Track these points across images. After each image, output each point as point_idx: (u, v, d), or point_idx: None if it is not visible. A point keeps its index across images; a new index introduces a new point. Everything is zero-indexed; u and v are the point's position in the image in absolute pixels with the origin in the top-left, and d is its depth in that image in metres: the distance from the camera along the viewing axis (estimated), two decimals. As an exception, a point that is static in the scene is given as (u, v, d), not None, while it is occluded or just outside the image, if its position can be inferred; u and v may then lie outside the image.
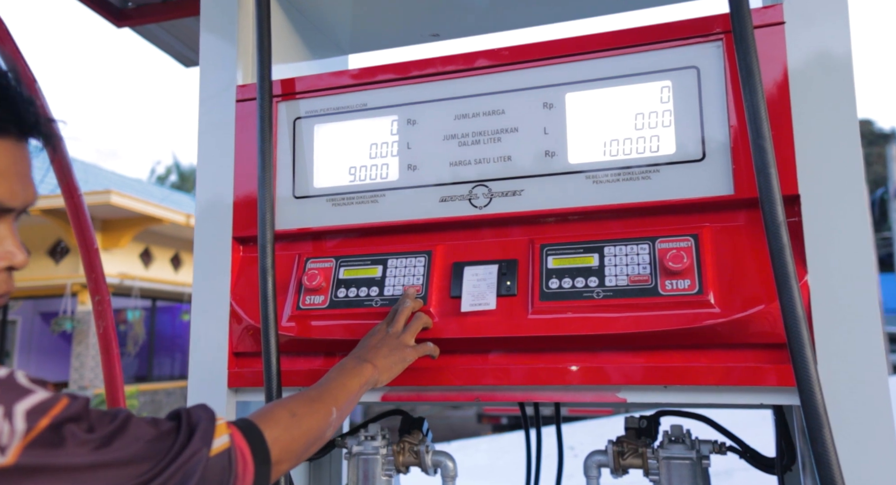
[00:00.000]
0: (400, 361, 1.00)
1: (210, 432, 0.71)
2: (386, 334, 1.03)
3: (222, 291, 1.24)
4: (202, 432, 0.70)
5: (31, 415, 0.60)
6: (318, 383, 0.93)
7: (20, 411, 0.60)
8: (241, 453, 0.74)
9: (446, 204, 1.14)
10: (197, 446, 0.69)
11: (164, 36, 2.38)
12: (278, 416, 0.82)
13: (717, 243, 1.00)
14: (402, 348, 1.01)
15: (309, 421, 0.84)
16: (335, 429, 0.89)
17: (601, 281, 1.02)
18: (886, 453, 0.86)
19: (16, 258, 0.70)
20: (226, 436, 0.73)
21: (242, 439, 0.75)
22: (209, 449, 0.70)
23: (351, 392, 0.93)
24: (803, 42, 0.98)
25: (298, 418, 0.83)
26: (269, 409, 0.83)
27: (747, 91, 0.93)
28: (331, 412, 0.87)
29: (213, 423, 0.72)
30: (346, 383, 0.93)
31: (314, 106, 1.25)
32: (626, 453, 1.16)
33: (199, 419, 0.72)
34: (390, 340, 1.02)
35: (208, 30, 1.35)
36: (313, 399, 0.87)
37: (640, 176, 1.05)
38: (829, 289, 0.92)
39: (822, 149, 0.96)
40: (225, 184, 1.27)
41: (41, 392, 0.62)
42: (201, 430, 0.71)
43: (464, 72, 1.16)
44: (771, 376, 0.93)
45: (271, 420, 0.80)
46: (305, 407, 0.85)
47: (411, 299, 1.07)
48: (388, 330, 1.03)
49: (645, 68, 1.07)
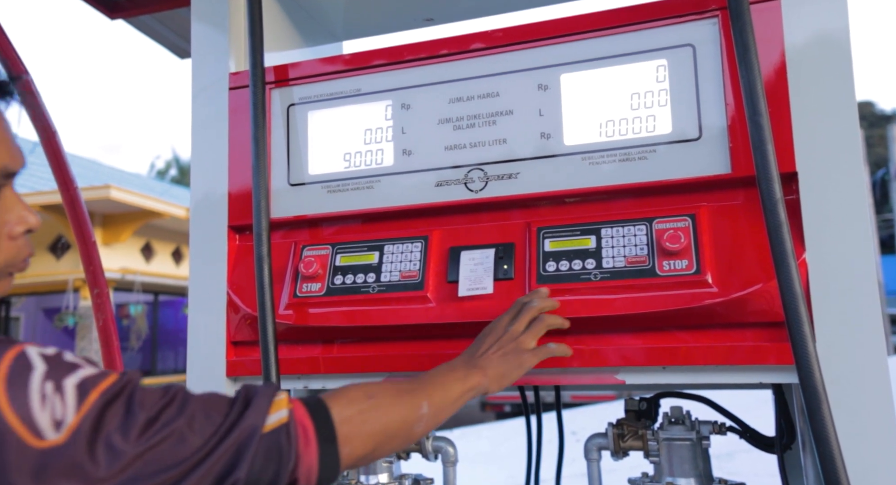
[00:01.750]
0: (516, 367, 0.91)
1: (265, 407, 0.67)
2: (504, 334, 0.94)
3: (219, 280, 1.23)
4: (256, 407, 0.67)
5: (81, 389, 0.59)
6: (418, 377, 0.86)
7: (70, 385, 0.59)
8: (302, 429, 0.69)
9: (442, 188, 1.13)
10: (250, 421, 0.66)
11: (158, 27, 2.36)
12: (352, 395, 0.76)
13: (715, 223, 0.99)
14: (520, 354, 0.92)
15: (389, 408, 0.77)
16: (428, 428, 0.82)
17: (598, 263, 1.02)
18: (885, 431, 0.86)
19: (30, 220, 0.69)
20: (284, 410, 0.69)
21: (305, 414, 0.71)
22: (263, 424, 0.66)
23: (450, 395, 0.85)
24: (800, 18, 0.97)
25: (376, 401, 0.76)
26: (344, 388, 0.78)
27: (744, 68, 0.92)
28: (420, 406, 0.80)
29: (269, 397, 0.69)
30: (445, 384, 0.85)
31: (308, 92, 1.24)
32: (627, 436, 1.16)
33: (255, 394, 0.69)
34: (507, 342, 0.93)
35: (199, 18, 1.34)
36: (400, 389, 0.81)
37: (637, 156, 1.04)
38: (827, 266, 0.92)
39: (820, 126, 0.95)
40: (220, 173, 1.26)
41: (89, 367, 0.61)
42: (256, 404, 0.67)
43: (457, 55, 1.15)
44: (770, 355, 0.93)
45: (343, 398, 0.75)
46: (388, 393, 0.79)
47: (541, 298, 0.97)
48: (508, 328, 0.94)
49: (640, 47, 1.05)
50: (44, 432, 0.56)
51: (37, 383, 0.57)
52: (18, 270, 0.71)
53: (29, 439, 0.55)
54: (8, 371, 0.57)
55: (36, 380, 0.58)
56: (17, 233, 0.69)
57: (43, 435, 0.56)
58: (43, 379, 0.58)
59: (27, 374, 0.58)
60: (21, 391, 0.56)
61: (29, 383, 0.57)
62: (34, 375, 0.58)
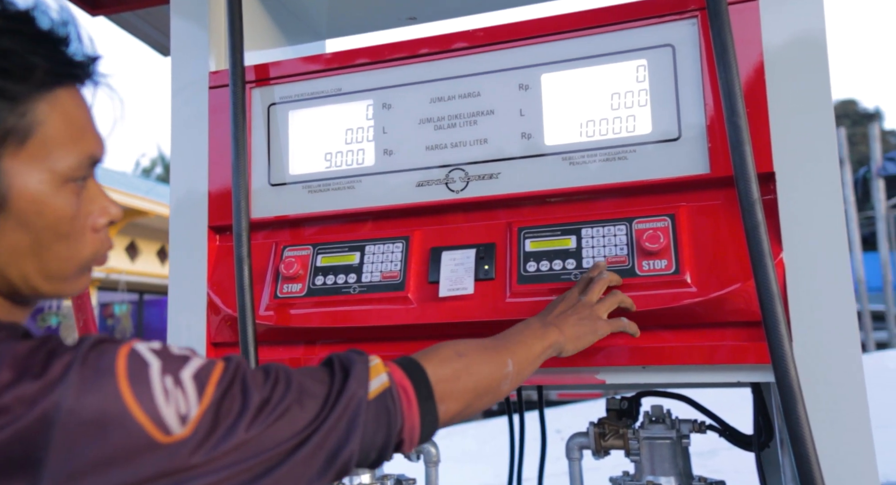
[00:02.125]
0: (591, 332, 0.90)
1: (365, 374, 0.67)
2: (577, 302, 0.92)
3: (199, 281, 1.22)
4: (357, 374, 0.66)
5: (198, 381, 0.58)
6: (497, 336, 0.85)
7: (187, 377, 0.57)
8: (403, 390, 0.70)
9: (423, 189, 1.13)
10: (353, 389, 0.65)
11: (140, 24, 2.34)
12: (443, 354, 0.76)
13: (694, 223, 1.00)
14: (594, 320, 0.90)
15: (479, 366, 0.77)
16: (513, 385, 0.82)
17: (579, 263, 1.02)
18: (859, 429, 0.87)
19: (112, 211, 0.66)
20: (384, 375, 0.69)
21: (403, 375, 0.71)
22: (367, 391, 0.66)
23: (532, 352, 0.84)
24: (778, 19, 0.97)
25: (467, 360, 0.76)
26: (434, 347, 0.78)
27: (722, 68, 0.92)
28: (506, 363, 0.80)
29: (366, 364, 0.69)
30: (527, 342, 0.84)
31: (288, 92, 1.23)
32: (608, 435, 1.16)
33: (352, 362, 0.68)
34: (582, 309, 0.91)
35: (179, 15, 1.32)
36: (486, 346, 0.81)
37: (617, 156, 1.04)
38: (803, 266, 0.93)
39: (798, 126, 0.96)
40: (200, 173, 1.25)
41: (196, 358, 0.60)
42: (356, 372, 0.67)
43: (438, 54, 1.14)
44: (748, 354, 0.94)
45: (435, 357, 0.75)
46: (476, 351, 0.79)
47: (609, 272, 0.96)
48: (581, 298, 0.93)
49: (620, 47, 1.06)
50: (171, 427, 0.55)
51: (157, 379, 0.56)
52: (99, 264, 0.68)
53: (158, 435, 0.54)
54: (127, 369, 0.55)
55: (155, 375, 0.56)
56: (100, 225, 0.65)
57: (170, 430, 0.55)
58: (161, 374, 0.56)
59: (145, 370, 0.56)
60: (145, 388, 0.55)
61: (150, 379, 0.55)
62: (152, 370, 0.56)
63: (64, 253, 0.62)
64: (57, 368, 0.53)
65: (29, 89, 0.58)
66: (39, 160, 0.59)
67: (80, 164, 0.62)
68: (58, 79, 0.60)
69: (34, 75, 0.58)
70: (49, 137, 0.59)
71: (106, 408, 0.53)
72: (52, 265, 0.62)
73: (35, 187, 0.59)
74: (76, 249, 0.63)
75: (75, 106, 0.62)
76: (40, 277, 0.62)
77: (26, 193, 0.58)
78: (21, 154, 0.58)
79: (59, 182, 0.60)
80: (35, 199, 0.59)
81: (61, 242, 0.61)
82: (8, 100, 0.57)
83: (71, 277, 0.64)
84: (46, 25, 0.60)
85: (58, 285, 0.63)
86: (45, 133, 0.59)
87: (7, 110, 0.57)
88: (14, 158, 0.58)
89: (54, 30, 0.60)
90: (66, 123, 0.61)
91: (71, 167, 0.61)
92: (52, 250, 0.61)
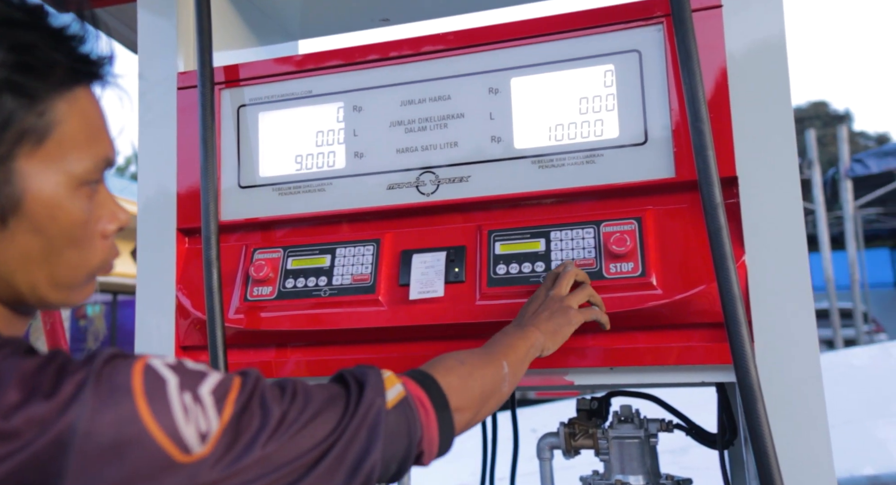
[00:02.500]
0: (566, 323, 0.90)
1: (380, 384, 0.66)
2: (547, 298, 0.93)
3: (168, 284, 1.21)
4: (372, 385, 0.65)
5: (217, 397, 0.55)
6: (483, 346, 0.86)
7: (206, 394, 0.54)
8: (419, 401, 0.69)
9: (394, 191, 1.13)
10: (371, 398, 0.64)
11: (111, 21, 2.29)
12: (448, 363, 0.77)
13: (660, 226, 1.01)
14: (566, 310, 0.91)
15: (481, 371, 0.78)
16: (511, 386, 0.83)
17: (548, 266, 1.03)
18: (816, 427, 0.89)
19: (121, 217, 0.63)
20: (398, 385, 0.68)
21: (417, 386, 0.70)
22: (385, 400, 0.65)
23: (519, 353, 0.85)
24: (740, 26, 0.99)
25: (469, 366, 0.77)
26: (438, 358, 0.78)
27: (686, 74, 0.94)
28: (502, 365, 0.81)
29: (380, 375, 0.67)
30: (512, 344, 0.85)
31: (258, 93, 1.23)
32: (578, 435, 1.17)
33: (366, 374, 0.67)
34: (551, 303, 0.92)
35: (147, 13, 1.31)
36: (482, 353, 0.82)
37: (585, 160, 1.06)
38: (765, 269, 0.95)
39: (759, 131, 0.98)
40: (168, 174, 1.24)
41: (213, 373, 0.57)
42: (371, 383, 0.65)
43: (409, 57, 1.14)
44: (712, 355, 0.95)
45: (442, 367, 0.75)
46: (474, 357, 0.80)
47: (575, 267, 0.97)
48: (549, 293, 0.93)
49: (588, 52, 1.07)
50: (191, 446, 0.52)
51: (175, 395, 0.53)
52: (105, 272, 0.65)
53: (178, 455, 0.51)
54: (144, 386, 0.52)
55: (174, 392, 0.53)
56: (110, 231, 0.62)
57: (191, 450, 0.52)
58: (180, 390, 0.53)
59: (163, 387, 0.53)
60: (163, 406, 0.52)
61: (168, 396, 0.52)
62: (170, 387, 0.53)
63: (74, 260, 0.59)
64: (69, 386, 0.50)
65: (49, 87, 0.55)
66: (56, 162, 0.56)
67: (96, 166, 0.59)
68: (77, 77, 0.58)
69: (55, 72, 0.55)
70: (67, 137, 0.56)
71: (123, 428, 0.50)
72: (61, 273, 0.59)
73: (51, 190, 0.56)
74: (86, 256, 0.60)
75: (92, 106, 0.60)
76: (49, 286, 0.59)
77: (42, 196, 0.55)
78: (37, 155, 0.55)
79: (75, 185, 0.57)
80: (50, 202, 0.56)
81: (73, 249, 0.59)
82: (28, 97, 0.54)
83: (79, 285, 0.61)
84: (65, 21, 0.57)
85: (65, 294, 0.60)
86: (62, 134, 0.56)
87: (26, 109, 0.54)
88: (30, 160, 0.55)
89: (73, 26, 0.58)
90: (83, 123, 0.58)
91: (87, 170, 0.58)
92: (64, 257, 0.58)
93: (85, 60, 0.58)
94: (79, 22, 0.58)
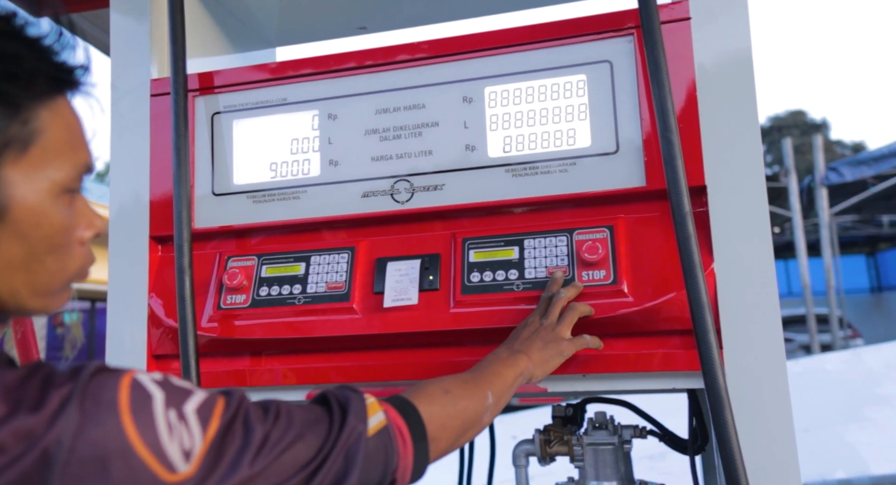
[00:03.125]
0: (556, 354, 0.92)
1: (363, 411, 0.67)
2: (539, 326, 0.94)
3: (140, 292, 1.20)
4: (355, 411, 0.66)
5: (201, 416, 0.55)
6: (471, 370, 0.87)
7: (190, 411, 0.55)
8: (398, 430, 0.70)
9: (369, 199, 1.13)
10: (353, 424, 0.65)
11: (87, 26, 2.27)
12: (431, 392, 0.77)
13: (631, 234, 1.03)
14: (559, 342, 0.92)
15: (464, 402, 0.79)
16: (493, 416, 0.84)
17: (521, 273, 1.04)
18: (783, 432, 0.91)
19: (98, 224, 0.63)
20: (380, 413, 0.69)
21: (398, 415, 0.71)
22: (366, 428, 0.66)
23: (506, 381, 0.85)
24: (708, 37, 1.01)
25: (453, 397, 0.78)
26: (421, 386, 0.79)
27: (655, 85, 0.95)
28: (486, 396, 0.81)
29: (363, 401, 0.68)
30: (500, 371, 0.86)
31: (233, 101, 1.22)
32: (553, 441, 1.18)
33: (349, 399, 0.68)
34: (544, 332, 0.93)
35: (120, 13, 1.30)
36: (467, 380, 0.82)
37: (558, 169, 1.07)
38: (733, 277, 0.96)
39: (727, 141, 1.00)
40: (141, 181, 1.22)
41: (199, 390, 0.58)
42: (354, 409, 0.66)
43: (384, 66, 1.15)
44: (682, 361, 0.97)
45: (424, 396, 0.76)
46: (459, 387, 0.80)
47: (566, 289, 0.97)
48: (542, 322, 0.94)
49: (561, 62, 1.08)
50: (175, 464, 0.52)
51: (161, 412, 0.53)
52: (81, 279, 0.65)
53: (162, 473, 0.51)
54: (130, 401, 0.52)
55: (159, 409, 0.53)
56: (86, 238, 0.63)
57: (175, 468, 0.52)
58: (165, 407, 0.53)
59: (149, 403, 0.53)
60: (148, 422, 0.52)
61: (154, 412, 0.52)
62: (156, 403, 0.53)
63: (54, 266, 0.59)
64: (55, 399, 0.49)
65: (32, 96, 0.56)
66: (40, 169, 0.57)
67: (78, 174, 0.60)
68: (59, 86, 0.59)
69: (38, 82, 0.56)
70: (50, 145, 0.57)
71: (108, 444, 0.50)
72: (41, 279, 0.59)
73: (34, 198, 0.56)
74: (65, 262, 0.61)
75: (71, 114, 0.61)
76: (29, 292, 0.59)
77: (26, 203, 0.56)
78: (21, 163, 0.56)
79: (57, 192, 0.58)
80: (34, 209, 0.56)
81: (53, 255, 0.59)
82: (12, 106, 0.55)
83: (57, 292, 0.61)
84: (44, 29, 0.58)
85: (44, 301, 0.61)
86: (45, 141, 0.57)
87: (10, 117, 0.55)
88: (14, 167, 0.55)
89: (52, 34, 0.58)
90: (65, 131, 0.59)
91: (70, 177, 0.59)
92: (45, 264, 0.58)
93: (65, 69, 0.59)
94: (57, 29, 0.59)
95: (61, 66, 0.59)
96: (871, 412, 3.58)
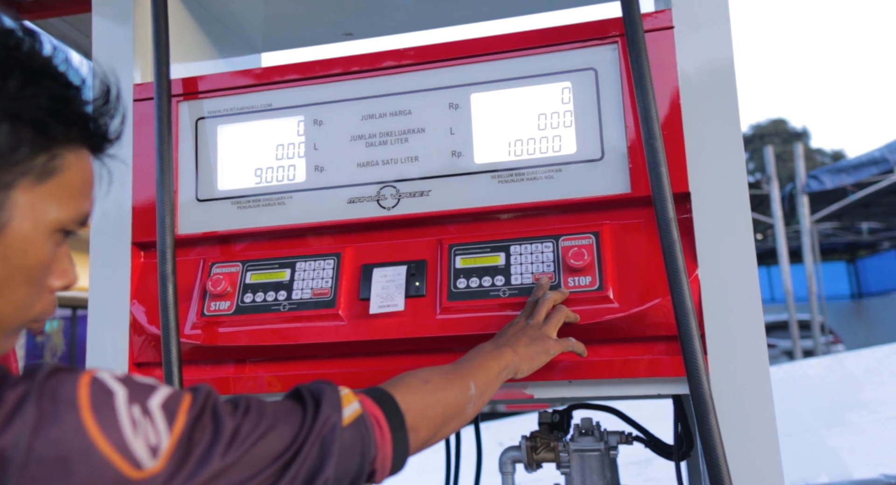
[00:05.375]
0: (542, 352, 0.92)
1: (337, 401, 0.67)
2: (526, 325, 0.94)
3: (122, 299, 1.18)
4: (329, 402, 0.66)
5: (167, 411, 0.55)
6: (455, 362, 0.87)
7: (155, 407, 0.54)
8: (375, 419, 0.69)
9: (354, 205, 1.13)
10: (327, 414, 0.65)
11: (69, 31, 2.25)
12: (409, 382, 0.77)
13: (617, 240, 1.03)
14: (545, 340, 0.92)
15: (445, 392, 0.79)
16: (477, 408, 0.84)
17: (508, 279, 1.04)
18: (767, 437, 0.91)
19: (70, 276, 0.63)
20: (355, 403, 0.68)
21: (374, 404, 0.71)
22: (341, 417, 0.66)
23: (490, 374, 0.85)
24: (691, 46, 1.02)
25: (432, 386, 0.78)
26: (400, 377, 0.79)
27: (639, 92, 0.96)
28: (468, 387, 0.81)
29: (337, 392, 0.68)
30: (484, 364, 0.86)
31: (217, 106, 1.21)
32: (539, 448, 1.18)
33: (322, 390, 0.68)
34: (531, 330, 0.93)
35: (102, 17, 1.29)
36: (448, 372, 0.82)
37: (544, 175, 1.07)
38: (717, 283, 0.97)
39: (710, 148, 1.01)
40: (123, 187, 1.21)
41: (163, 386, 0.57)
42: (327, 399, 0.66)
43: (370, 72, 1.15)
44: (667, 367, 0.97)
45: (402, 386, 0.76)
46: (439, 377, 0.80)
47: (553, 290, 0.98)
48: (528, 322, 0.95)
49: (547, 69, 1.09)
50: (141, 461, 0.51)
51: (124, 408, 0.52)
52: (34, 328, 0.65)
53: (128, 470, 0.50)
54: (90, 399, 0.51)
55: (122, 405, 0.52)
56: (56, 287, 0.63)
57: (141, 464, 0.51)
58: (128, 403, 0.53)
59: (111, 399, 0.52)
60: (111, 419, 0.51)
61: (116, 409, 0.52)
62: (118, 399, 0.52)
63: (22, 300, 0.59)
64: (10, 400, 0.49)
65: (67, 138, 0.59)
66: (48, 202, 0.58)
67: (76, 220, 0.61)
68: (88, 141, 0.62)
69: (76, 129, 0.59)
70: (65, 184, 0.59)
71: (69, 443, 0.49)
72: (5, 309, 0.58)
73: (32, 226, 0.57)
74: (31, 301, 0.60)
75: (90, 168, 0.64)
76: None
77: (23, 228, 0.56)
78: (34, 191, 0.57)
79: (53, 229, 0.59)
80: (28, 237, 0.57)
81: (27, 288, 0.58)
82: (47, 139, 0.57)
83: (10, 330, 0.60)
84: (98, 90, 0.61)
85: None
86: (63, 180, 0.59)
87: (41, 148, 0.57)
88: (26, 193, 0.56)
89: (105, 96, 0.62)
90: (81, 178, 0.61)
91: (70, 219, 0.60)
92: (17, 293, 0.58)
93: (100, 133, 0.62)
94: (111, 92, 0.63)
95: (100, 127, 0.62)
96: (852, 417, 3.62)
